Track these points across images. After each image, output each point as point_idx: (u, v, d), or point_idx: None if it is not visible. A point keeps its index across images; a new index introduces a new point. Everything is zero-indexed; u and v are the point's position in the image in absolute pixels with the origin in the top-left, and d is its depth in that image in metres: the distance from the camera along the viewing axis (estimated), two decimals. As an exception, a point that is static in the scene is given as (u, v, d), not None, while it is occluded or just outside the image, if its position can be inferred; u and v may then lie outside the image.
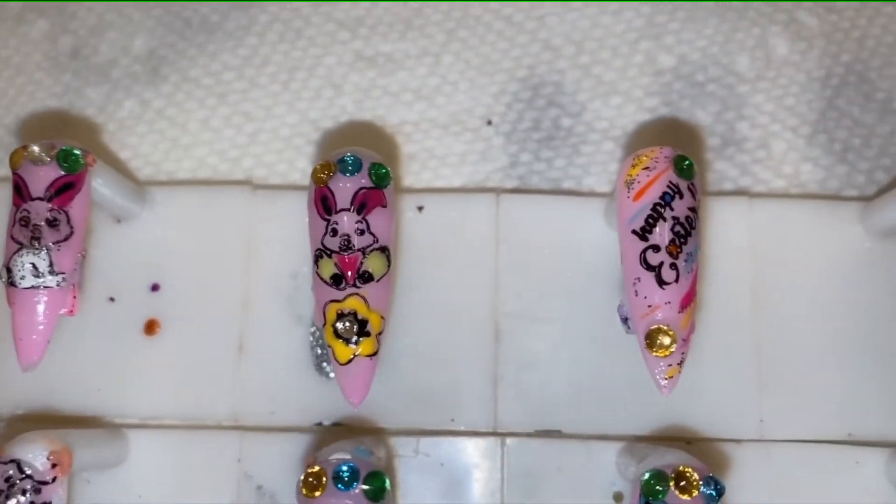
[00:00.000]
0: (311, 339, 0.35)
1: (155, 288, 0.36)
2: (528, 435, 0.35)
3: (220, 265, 0.36)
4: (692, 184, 0.29)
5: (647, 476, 0.27)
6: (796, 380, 0.35)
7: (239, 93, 0.39)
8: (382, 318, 0.29)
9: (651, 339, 0.28)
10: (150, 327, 0.36)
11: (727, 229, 0.36)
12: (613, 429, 0.35)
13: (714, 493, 0.27)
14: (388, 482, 0.27)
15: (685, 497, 0.27)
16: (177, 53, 0.40)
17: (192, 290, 0.36)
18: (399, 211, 0.36)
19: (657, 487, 0.27)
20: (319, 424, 0.35)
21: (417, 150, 0.38)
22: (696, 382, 0.35)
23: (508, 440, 0.34)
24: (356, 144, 0.38)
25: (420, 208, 0.36)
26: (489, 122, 0.38)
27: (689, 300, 0.28)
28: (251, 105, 0.39)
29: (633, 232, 0.29)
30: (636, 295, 0.29)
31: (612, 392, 0.35)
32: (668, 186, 0.29)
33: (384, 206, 0.29)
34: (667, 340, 0.28)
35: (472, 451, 0.34)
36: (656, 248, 0.29)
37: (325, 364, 0.35)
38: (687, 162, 0.29)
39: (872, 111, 0.38)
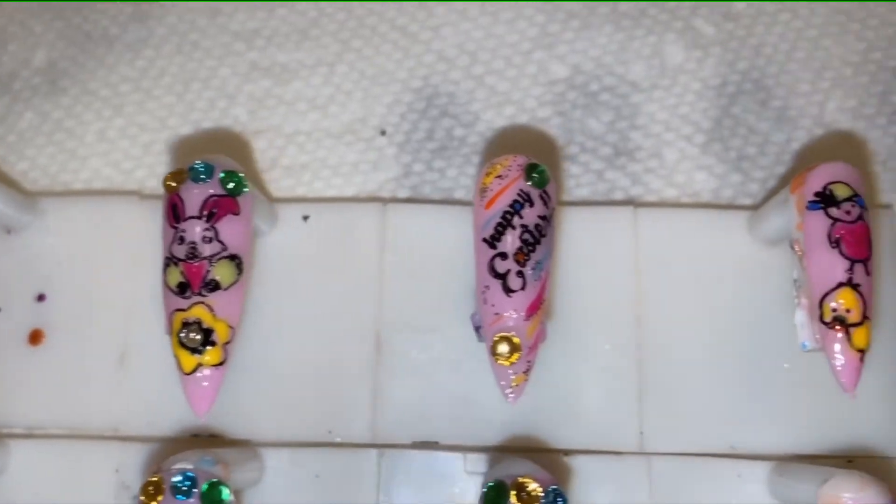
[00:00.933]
0: (191, 349, 0.35)
1: (41, 298, 0.36)
2: (406, 446, 0.34)
3: (106, 275, 0.36)
4: (545, 192, 0.29)
5: (486, 487, 0.27)
6: (679, 391, 0.34)
7: (135, 104, 0.39)
8: (231, 327, 0.29)
9: (494, 348, 0.28)
10: (35, 337, 0.36)
11: (612, 239, 0.36)
12: (491, 440, 0.34)
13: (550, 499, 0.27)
14: (226, 493, 0.27)
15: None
16: (77, 66, 0.40)
17: (77, 301, 0.36)
18: (284, 220, 0.36)
19: (497, 499, 0.27)
20: (196, 436, 0.35)
21: (309, 160, 0.38)
22: (576, 393, 0.34)
23: (386, 451, 0.34)
24: (246, 154, 0.38)
25: (306, 217, 0.36)
26: (383, 133, 0.38)
27: (535, 308, 0.28)
28: (146, 117, 0.39)
29: (483, 240, 0.28)
30: (485, 303, 0.28)
31: (491, 403, 0.34)
32: (519, 194, 0.29)
33: (237, 214, 0.29)
34: (506, 349, 0.27)
35: (349, 463, 0.34)
36: (504, 256, 0.28)
37: (204, 374, 0.35)
38: (539, 170, 0.29)
39: (768, 119, 0.38)
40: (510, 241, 0.28)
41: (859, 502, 0.27)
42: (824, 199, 0.28)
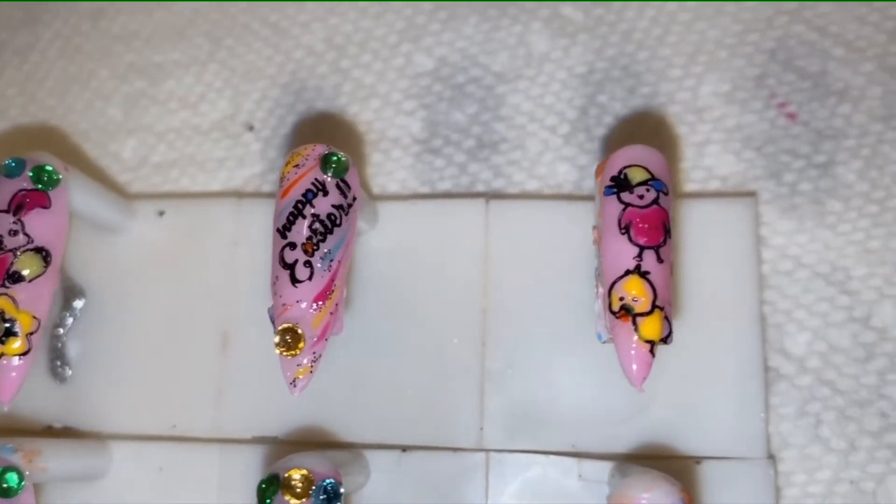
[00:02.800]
0: (47, 341, 0.36)
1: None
2: (246, 441, 0.34)
3: None
4: (343, 181, 0.29)
5: (261, 481, 0.27)
6: (523, 387, 0.33)
7: (19, 107, 0.40)
8: (35, 318, 0.29)
9: (280, 339, 0.27)
10: None
11: (464, 232, 0.35)
12: (331, 436, 0.34)
13: (325, 498, 0.26)
14: (14, 479, 0.28)
15: (293, 501, 0.26)
16: (-30, 71, 0.41)
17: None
18: (140, 216, 0.37)
19: (267, 492, 0.26)
20: (50, 428, 0.35)
21: (178, 157, 0.38)
22: (419, 388, 0.34)
23: (227, 446, 0.34)
24: (121, 151, 0.39)
25: (161, 213, 0.37)
26: (251, 128, 0.38)
27: (322, 298, 0.27)
28: (28, 119, 0.40)
29: (276, 230, 0.28)
30: (274, 294, 0.28)
31: (331, 398, 0.34)
32: (313, 184, 0.28)
33: (46, 208, 0.30)
34: (289, 340, 0.27)
35: (191, 457, 0.34)
36: (293, 246, 0.28)
37: (59, 366, 0.35)
38: (335, 158, 0.29)
39: (636, 107, 0.36)
40: (299, 231, 0.28)
41: (646, 502, 0.25)
42: (618, 184, 0.27)
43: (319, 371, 0.34)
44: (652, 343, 0.26)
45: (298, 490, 0.26)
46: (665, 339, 0.27)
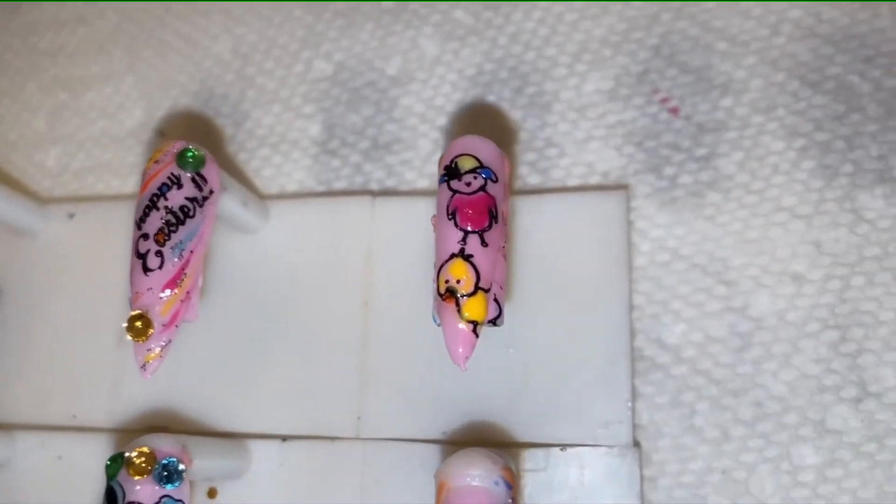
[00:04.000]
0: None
1: None
2: (138, 431, 0.35)
3: None
4: (199, 175, 0.30)
5: (108, 458, 0.28)
6: (399, 377, 0.34)
7: (-46, 121, 0.43)
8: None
9: (129, 325, 0.29)
10: None
11: (351, 228, 0.36)
12: (215, 426, 0.35)
13: (166, 475, 0.27)
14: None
15: (136, 477, 0.27)
16: (-85, 89, 0.44)
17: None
18: (53, 218, 0.39)
19: (110, 467, 0.27)
20: (-37, 418, 0.37)
21: (95, 164, 0.40)
22: (301, 379, 0.34)
23: (123, 436, 0.35)
24: (45, 159, 0.41)
25: (71, 215, 0.38)
26: (161, 134, 0.40)
27: (172, 286, 0.29)
28: (-38, 131, 0.43)
29: (135, 222, 0.30)
30: (130, 284, 0.29)
31: (215, 389, 0.35)
32: (169, 178, 0.29)
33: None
34: (139, 326, 0.28)
35: (89, 446, 0.36)
36: (146, 237, 0.29)
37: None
38: (190, 154, 0.30)
39: (521, 106, 0.37)
40: (153, 223, 0.29)
41: (462, 480, 0.26)
42: (449, 173, 0.28)
43: (205, 363, 0.35)
44: (475, 323, 0.27)
45: (140, 467, 0.27)
46: (494, 321, 0.28)
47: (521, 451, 0.32)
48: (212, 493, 0.34)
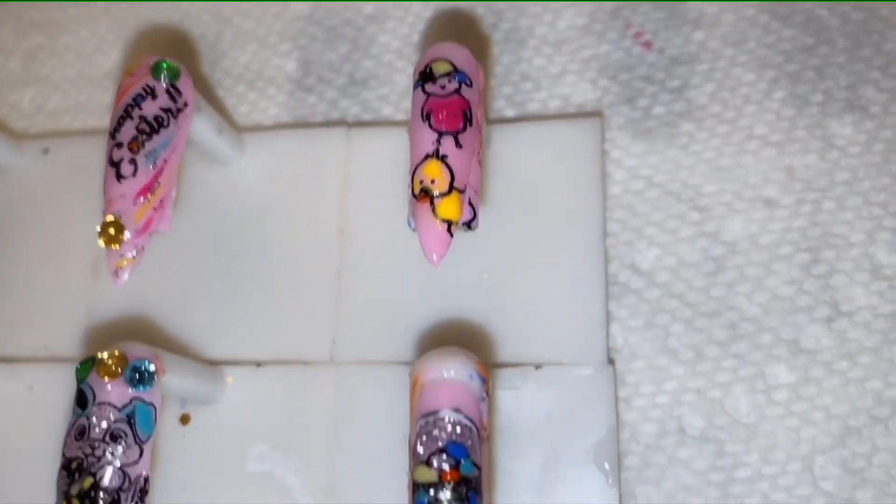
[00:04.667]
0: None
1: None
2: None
3: None
4: (174, 87, 0.30)
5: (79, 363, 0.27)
6: (372, 303, 0.34)
7: (-71, 64, 0.43)
8: None
9: (101, 231, 0.28)
10: None
11: (326, 159, 0.36)
12: (190, 351, 0.34)
13: (137, 378, 0.27)
14: None
15: (106, 379, 0.27)
16: None
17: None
18: (26, 154, 0.38)
19: (83, 372, 0.27)
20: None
21: (71, 104, 0.40)
22: (276, 305, 0.34)
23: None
24: (20, 101, 0.40)
25: (46, 150, 0.38)
26: (137, 76, 0.40)
27: (145, 193, 0.28)
28: (-63, 73, 0.42)
29: (109, 134, 0.30)
30: (103, 194, 0.29)
31: (191, 314, 0.35)
32: (143, 88, 0.29)
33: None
34: (112, 232, 0.28)
35: (61, 376, 0.35)
36: (120, 146, 0.29)
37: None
38: (165, 65, 0.30)
39: (497, 42, 0.37)
40: (127, 132, 0.29)
41: (436, 374, 0.26)
42: (423, 77, 0.28)
43: (180, 292, 0.35)
44: (449, 223, 0.27)
45: (111, 368, 0.27)
46: (469, 224, 0.28)
47: (496, 371, 0.32)
48: (185, 419, 0.33)
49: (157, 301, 0.35)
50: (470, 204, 0.27)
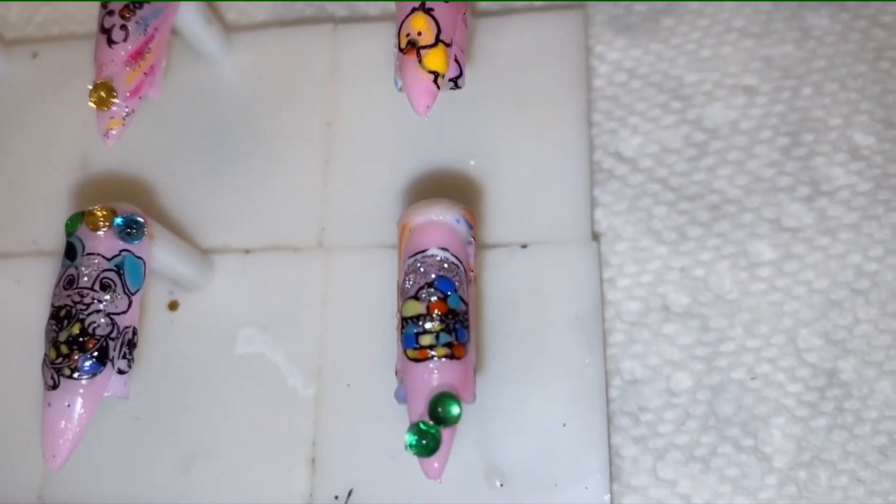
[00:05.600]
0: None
1: None
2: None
3: None
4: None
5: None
6: (361, 190, 0.34)
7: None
8: None
9: (92, 94, 0.28)
10: None
11: (313, 55, 0.36)
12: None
13: (125, 228, 0.27)
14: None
15: (95, 230, 0.27)
16: None
17: None
18: (15, 59, 0.38)
19: (70, 225, 0.27)
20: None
21: (59, 16, 0.40)
22: (260, 195, 0.34)
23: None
24: (7, 14, 0.41)
25: (35, 55, 0.38)
26: None
27: (136, 58, 0.29)
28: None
29: (101, 6, 0.30)
30: (94, 63, 0.29)
31: (177, 202, 0.35)
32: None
33: None
34: (102, 94, 0.28)
35: (49, 270, 0.35)
36: (111, 13, 0.29)
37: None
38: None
39: (482, -54, 0.38)
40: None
41: (424, 217, 0.26)
42: (409, -64, 0.28)
43: (166, 181, 0.35)
44: (436, 74, 0.27)
45: (99, 218, 0.26)
46: (456, 81, 0.28)
47: (484, 251, 0.32)
48: (173, 306, 0.33)
49: (147, 194, 0.35)
50: (456, 61, 0.27)
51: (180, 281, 0.32)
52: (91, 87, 0.28)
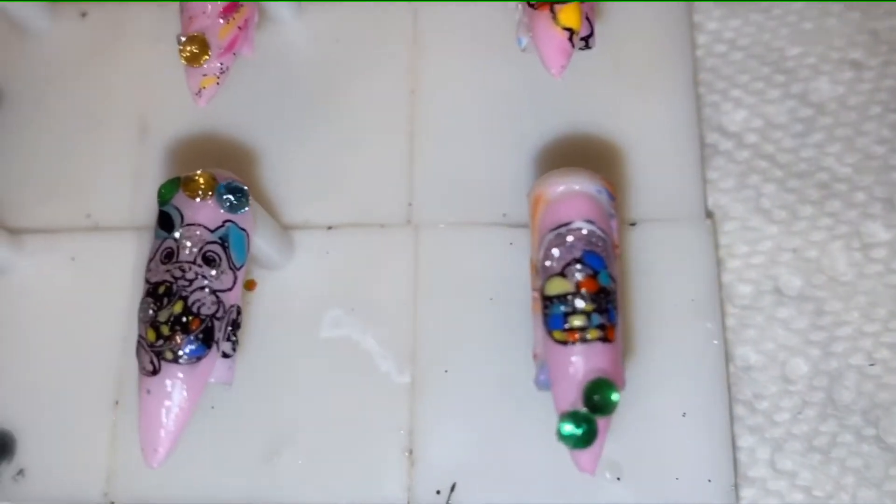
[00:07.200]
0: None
1: None
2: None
3: None
4: None
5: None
6: (450, 164, 0.31)
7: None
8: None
9: (183, 48, 0.25)
10: None
11: (392, 23, 0.33)
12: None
13: (228, 197, 0.24)
14: None
15: (196, 197, 0.24)
16: None
17: None
18: (63, 18, 0.35)
19: (165, 192, 0.24)
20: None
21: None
22: (346, 168, 0.32)
23: (144, 233, 0.32)
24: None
25: (84, 14, 0.35)
26: None
27: (230, 10, 0.26)
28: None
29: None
30: (182, 13, 0.26)
31: (256, 178, 0.32)
32: None
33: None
34: (194, 48, 0.25)
35: (106, 245, 0.32)
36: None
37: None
38: None
39: None
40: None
41: (563, 187, 0.23)
42: None
43: (242, 154, 0.32)
44: (571, 31, 0.24)
45: (200, 185, 0.24)
46: (587, 40, 0.25)
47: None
48: (250, 286, 0.30)
49: (213, 165, 0.32)
50: (587, 19, 0.25)
51: (260, 259, 0.29)
52: (183, 41, 0.25)
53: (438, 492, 0.28)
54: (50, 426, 0.30)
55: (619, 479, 0.27)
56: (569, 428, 0.21)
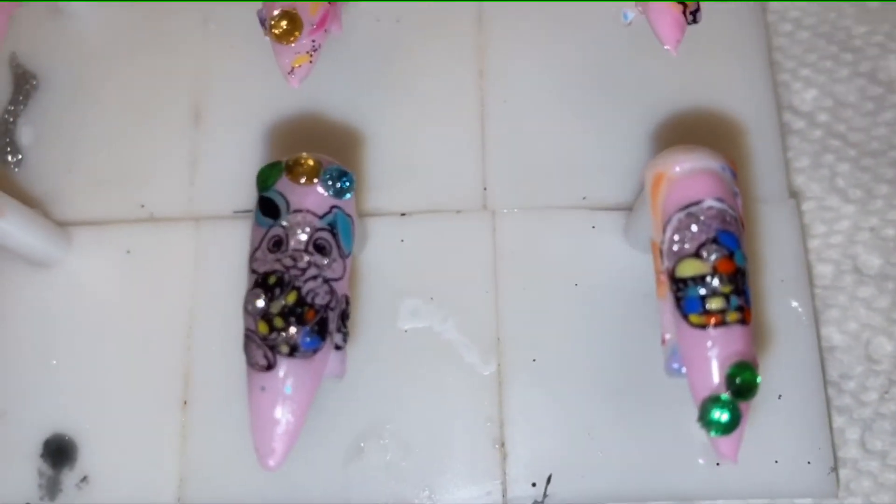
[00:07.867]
0: None
1: None
2: (225, 217, 0.30)
3: None
4: None
5: (261, 168, 0.23)
6: (525, 146, 0.30)
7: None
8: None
9: (274, 24, 0.24)
10: None
11: (452, 7, 0.32)
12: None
13: (332, 183, 0.22)
14: None
15: (302, 182, 0.22)
16: None
17: None
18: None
19: (268, 175, 0.23)
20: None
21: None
22: (418, 154, 0.30)
23: (203, 223, 0.30)
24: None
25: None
26: None
27: (320, -14, 0.25)
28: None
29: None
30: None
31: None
32: None
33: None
34: (285, 24, 0.24)
35: (163, 237, 0.30)
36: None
37: (9, 152, 0.31)
38: None
39: None
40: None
41: (687, 164, 0.23)
42: None
43: (308, 141, 0.30)
44: (685, 5, 0.24)
45: (307, 169, 0.22)
46: (695, 15, 0.25)
47: (670, 210, 0.29)
48: (322, 276, 0.29)
49: (275, 153, 0.30)
50: (695, -7, 0.24)
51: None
52: (274, 16, 0.23)
53: (534, 484, 0.27)
54: (113, 430, 0.28)
55: (717, 464, 0.27)
56: (717, 414, 0.20)
